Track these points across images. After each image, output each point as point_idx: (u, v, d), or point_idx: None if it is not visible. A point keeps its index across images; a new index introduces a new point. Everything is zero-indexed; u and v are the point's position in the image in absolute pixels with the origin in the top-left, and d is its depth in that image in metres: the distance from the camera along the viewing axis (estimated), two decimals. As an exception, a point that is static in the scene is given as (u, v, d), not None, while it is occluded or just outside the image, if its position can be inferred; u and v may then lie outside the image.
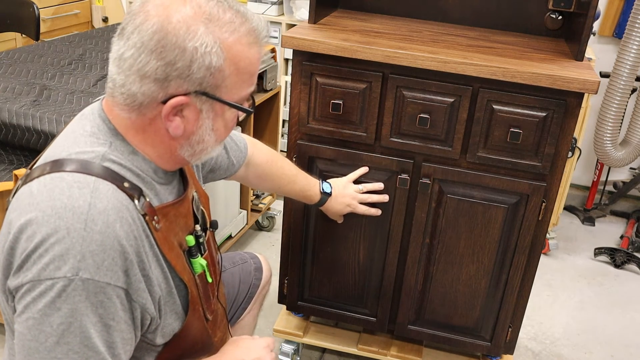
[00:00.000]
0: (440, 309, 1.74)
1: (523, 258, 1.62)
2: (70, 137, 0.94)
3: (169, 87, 0.89)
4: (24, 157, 1.84)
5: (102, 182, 0.88)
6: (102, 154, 0.90)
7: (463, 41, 1.62)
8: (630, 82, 2.58)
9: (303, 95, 1.58)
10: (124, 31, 0.90)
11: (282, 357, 1.97)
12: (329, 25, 1.65)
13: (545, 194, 1.55)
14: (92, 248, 0.83)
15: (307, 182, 1.55)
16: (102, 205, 0.85)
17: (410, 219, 1.65)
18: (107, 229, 0.85)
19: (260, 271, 1.56)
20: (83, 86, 2.03)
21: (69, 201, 0.85)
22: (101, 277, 0.83)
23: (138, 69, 0.88)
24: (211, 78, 0.89)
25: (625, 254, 2.71)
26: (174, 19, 0.86)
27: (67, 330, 0.83)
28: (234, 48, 0.90)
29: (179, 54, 0.86)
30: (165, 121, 0.91)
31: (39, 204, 0.86)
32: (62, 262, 0.82)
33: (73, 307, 0.82)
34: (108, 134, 0.93)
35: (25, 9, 2.93)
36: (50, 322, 0.82)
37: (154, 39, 0.86)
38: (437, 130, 1.54)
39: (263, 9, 3.10)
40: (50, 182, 0.88)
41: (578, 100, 1.46)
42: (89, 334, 0.84)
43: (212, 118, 0.94)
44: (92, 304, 0.83)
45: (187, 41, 0.86)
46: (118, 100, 0.92)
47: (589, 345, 2.24)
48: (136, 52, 0.87)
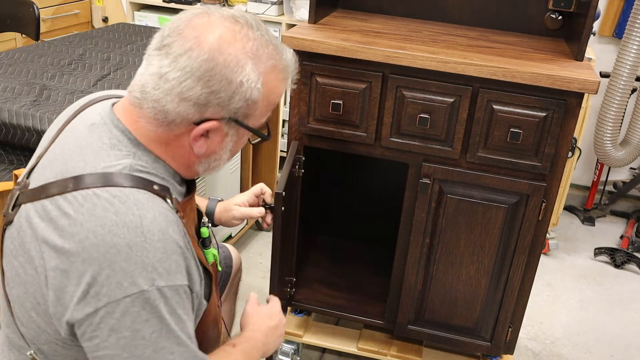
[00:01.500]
0: (440, 309, 1.74)
1: (523, 258, 1.62)
2: (88, 150, 0.93)
3: (206, 112, 0.92)
4: (24, 157, 1.84)
5: (137, 192, 0.89)
6: (129, 165, 0.92)
7: (463, 41, 1.62)
8: (630, 82, 2.58)
9: (303, 95, 1.58)
10: (169, 49, 0.90)
11: (282, 357, 1.97)
12: (329, 25, 1.65)
13: (545, 194, 1.55)
14: (158, 257, 0.86)
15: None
16: (150, 215, 0.87)
17: (410, 219, 1.65)
18: (164, 235, 0.87)
19: (230, 259, 1.56)
20: (83, 86, 2.03)
21: (117, 217, 0.86)
22: (173, 281, 0.87)
23: (180, 92, 0.90)
24: (246, 108, 0.94)
25: (625, 254, 2.71)
26: (225, 51, 0.89)
27: (160, 337, 0.87)
28: (270, 83, 0.95)
29: (225, 85, 0.90)
30: (192, 140, 0.95)
31: (84, 225, 0.85)
32: (135, 277, 0.84)
33: (158, 315, 0.86)
34: (129, 144, 0.94)
35: (25, 9, 2.93)
36: (142, 335, 0.85)
37: (203, 67, 0.89)
38: (437, 130, 1.54)
39: (263, 9, 3.10)
40: (84, 201, 0.87)
41: (578, 100, 1.46)
42: (177, 333, 0.89)
43: (234, 141, 0.99)
44: (171, 306, 0.87)
45: (236, 75, 0.90)
46: (147, 113, 0.93)
47: (589, 345, 2.24)
48: (183, 76, 0.89)
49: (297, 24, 1.98)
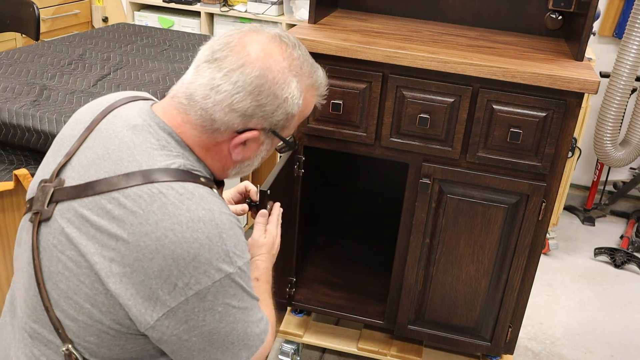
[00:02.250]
0: (440, 309, 1.74)
1: (523, 258, 1.62)
2: (138, 150, 0.96)
3: (250, 122, 1.00)
4: (24, 157, 1.84)
5: (198, 187, 0.95)
6: (181, 163, 0.97)
7: (463, 41, 1.62)
8: (630, 82, 2.58)
9: (303, 95, 1.58)
10: (222, 64, 0.98)
11: (282, 357, 1.97)
12: (329, 25, 1.66)
13: (545, 194, 1.55)
14: (234, 242, 0.95)
15: None
16: (217, 208, 0.95)
17: (410, 219, 1.65)
18: (231, 223, 0.96)
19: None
20: (83, 86, 2.03)
21: (190, 214, 0.92)
22: (246, 257, 0.98)
23: (230, 103, 0.97)
24: (285, 121, 1.03)
25: (625, 254, 2.71)
26: (274, 68, 0.98)
27: (244, 302, 0.97)
28: (307, 99, 1.05)
29: (272, 99, 0.99)
30: (232, 147, 1.02)
31: (159, 223, 0.90)
32: (219, 264, 0.92)
33: (241, 287, 0.96)
34: (177, 146, 0.99)
35: (25, 9, 2.93)
36: (232, 304, 0.95)
37: (254, 83, 0.97)
38: (437, 130, 1.54)
39: (263, 8, 3.10)
40: (151, 199, 0.91)
41: (578, 100, 1.46)
42: (253, 295, 1.00)
43: (267, 149, 1.08)
44: (248, 277, 0.98)
45: (282, 91, 0.99)
46: (192, 119, 0.99)
47: (589, 345, 2.24)
48: (234, 90, 0.97)
49: (297, 24, 1.98)
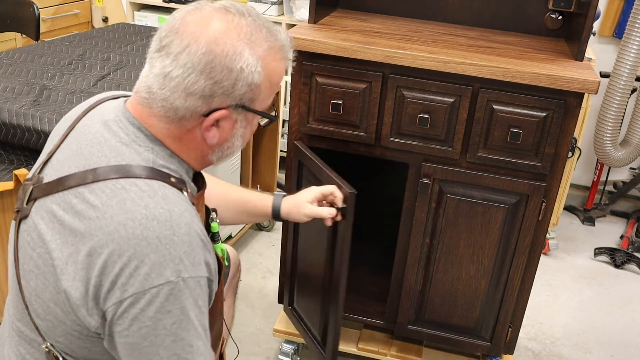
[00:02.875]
0: (440, 309, 1.74)
1: (523, 258, 1.62)
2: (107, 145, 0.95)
3: (212, 103, 0.95)
4: (24, 157, 1.84)
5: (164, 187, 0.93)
6: (152, 160, 0.95)
7: (463, 41, 1.62)
8: (630, 82, 2.58)
9: (303, 95, 1.58)
10: (169, 49, 0.94)
11: (282, 357, 1.97)
12: (329, 25, 1.65)
13: (545, 194, 1.55)
14: (185, 249, 0.89)
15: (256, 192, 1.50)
16: (178, 209, 0.91)
17: (410, 219, 1.65)
18: (190, 229, 0.91)
19: (227, 260, 1.56)
20: (83, 86, 2.03)
21: (147, 211, 0.89)
22: (197, 272, 0.91)
23: (185, 87, 0.93)
24: (250, 93, 0.97)
25: (625, 254, 2.71)
26: (220, 41, 0.93)
27: (180, 328, 0.89)
28: (270, 65, 0.98)
29: (226, 74, 0.93)
30: (204, 131, 0.98)
31: (114, 217, 0.88)
32: (162, 269, 0.87)
33: (181, 306, 0.89)
34: (147, 140, 0.97)
35: (25, 9, 2.93)
36: (163, 324, 0.88)
37: (203, 60, 0.92)
38: (437, 130, 1.54)
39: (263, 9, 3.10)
40: (113, 194, 0.90)
41: (578, 100, 1.46)
42: (196, 325, 0.91)
43: (244, 126, 1.02)
44: (194, 297, 0.90)
45: (235, 62, 0.93)
46: (156, 112, 0.96)
47: (589, 345, 2.24)
48: (185, 72, 0.93)
49: (297, 24, 1.98)
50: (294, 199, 1.43)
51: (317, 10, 1.66)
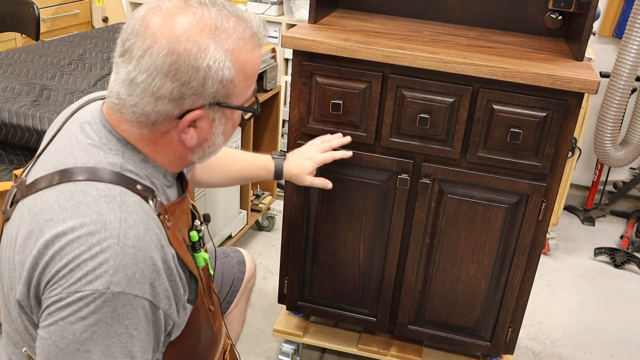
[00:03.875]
0: (440, 309, 1.74)
1: (523, 258, 1.62)
2: (78, 147, 0.93)
3: (184, 104, 0.90)
4: (24, 157, 1.85)
5: (126, 194, 0.89)
6: (118, 163, 0.92)
7: (463, 41, 1.62)
8: (630, 82, 2.58)
9: (303, 95, 1.58)
10: (131, 53, 0.89)
11: (282, 357, 1.97)
12: (329, 25, 1.65)
13: (545, 194, 1.55)
14: (125, 262, 0.84)
15: (256, 155, 1.54)
16: (132, 219, 0.87)
17: (410, 219, 1.65)
18: (139, 242, 0.86)
19: (243, 264, 1.56)
20: (83, 86, 2.03)
21: (99, 217, 0.86)
22: (131, 289, 0.85)
23: (153, 92, 0.89)
24: (224, 89, 0.92)
25: (625, 254, 2.71)
26: (182, 38, 0.87)
27: (89, 339, 0.84)
28: (241, 57, 0.92)
29: (193, 74, 0.88)
30: (181, 133, 0.94)
31: (66, 221, 0.86)
32: (94, 277, 0.83)
33: (100, 318, 0.84)
34: (118, 144, 0.94)
35: (25, 9, 2.93)
36: (73, 329, 0.84)
37: (166, 62, 0.87)
38: (437, 130, 1.54)
39: (263, 9, 3.10)
40: (71, 197, 0.87)
41: (578, 100, 1.46)
42: (110, 343, 0.85)
43: (224, 123, 0.97)
44: (119, 315, 0.85)
45: (200, 60, 0.87)
46: (128, 117, 0.92)
47: (589, 345, 2.24)
48: (149, 77, 0.88)
49: (297, 24, 1.98)
50: (295, 169, 1.50)
51: (317, 10, 1.66)
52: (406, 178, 1.60)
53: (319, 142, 1.54)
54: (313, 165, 1.51)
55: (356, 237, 1.71)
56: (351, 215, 1.68)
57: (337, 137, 1.55)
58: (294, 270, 1.79)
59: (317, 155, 1.52)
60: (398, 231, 1.66)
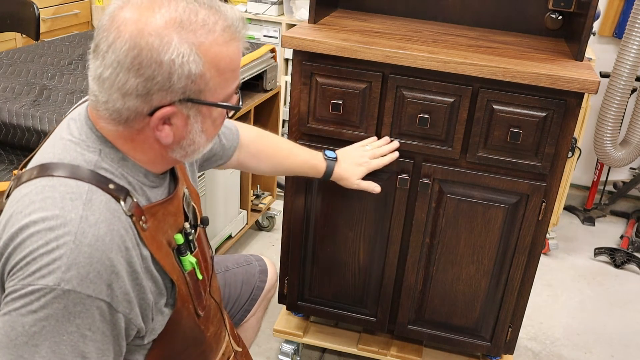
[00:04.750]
0: (440, 309, 1.74)
1: (523, 258, 1.62)
2: (59, 143, 0.94)
3: (152, 101, 0.88)
4: (24, 157, 1.84)
5: (95, 192, 0.88)
6: (93, 161, 0.91)
7: (463, 41, 1.62)
8: (630, 82, 2.58)
9: (303, 95, 1.58)
10: (99, 49, 0.88)
11: (282, 357, 1.97)
12: (329, 25, 1.65)
13: (545, 194, 1.55)
14: (79, 260, 0.84)
15: (309, 152, 1.52)
16: (93, 218, 0.86)
17: (410, 219, 1.65)
18: (97, 242, 0.85)
19: (265, 274, 1.54)
20: (83, 86, 2.03)
21: (61, 213, 0.85)
22: (83, 289, 0.84)
23: (119, 88, 0.87)
24: (193, 85, 0.89)
25: (625, 254, 2.71)
26: (145, 32, 0.85)
27: (38, 334, 0.83)
28: (211, 50, 0.88)
29: (156, 68, 0.85)
30: (155, 131, 0.91)
31: (31, 215, 0.86)
32: (47, 272, 0.83)
33: (49, 314, 0.83)
34: (97, 141, 0.93)
35: (25, 9, 2.93)
36: (23, 322, 0.83)
37: (128, 56, 0.85)
38: (437, 130, 1.54)
39: (263, 8, 3.10)
40: (41, 192, 0.88)
41: (578, 100, 1.46)
42: (60, 340, 0.84)
43: (201, 121, 0.94)
44: (70, 313, 0.84)
45: (163, 54, 0.85)
46: (103, 115, 0.92)
47: (589, 345, 2.24)
48: (113, 72, 0.86)
49: (297, 24, 1.98)
50: (346, 172, 1.52)
51: (317, 10, 1.66)
52: (406, 178, 1.60)
53: (369, 148, 1.54)
54: (365, 172, 1.52)
55: (356, 237, 1.71)
56: (351, 215, 1.68)
57: (384, 143, 1.55)
58: (294, 270, 1.79)
59: (369, 161, 1.52)
60: (398, 231, 1.67)
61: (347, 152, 1.54)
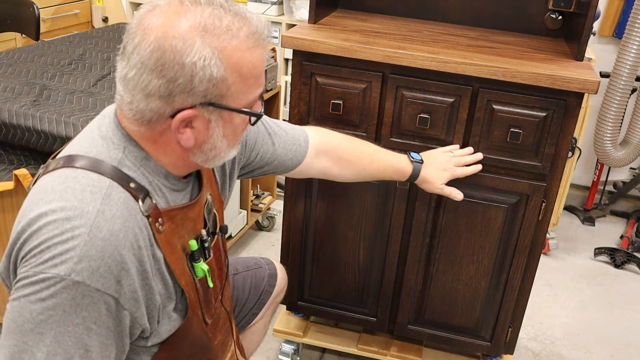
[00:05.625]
0: (440, 309, 1.74)
1: (523, 258, 1.62)
2: (88, 137, 0.96)
3: (174, 103, 0.90)
4: (24, 157, 1.84)
5: (115, 188, 0.90)
6: (118, 159, 0.93)
7: (463, 41, 1.62)
8: (630, 82, 2.58)
9: (303, 95, 1.58)
10: (125, 51, 0.91)
11: (282, 357, 1.97)
12: (329, 25, 1.65)
13: (545, 194, 1.55)
14: (91, 253, 0.85)
15: (392, 154, 1.47)
16: (110, 213, 0.87)
17: (410, 219, 1.65)
18: (111, 237, 0.86)
19: (274, 278, 1.54)
20: (83, 86, 2.03)
21: (79, 204, 0.87)
22: (92, 282, 0.85)
23: (142, 89, 0.89)
24: (215, 89, 0.90)
25: (625, 254, 2.71)
26: (169, 35, 0.87)
27: (44, 322, 0.84)
28: (233, 56, 0.89)
29: (178, 70, 0.87)
30: (176, 134, 0.93)
31: (51, 203, 0.87)
32: (59, 261, 0.84)
33: (57, 303, 0.84)
34: (122, 139, 0.95)
35: (25, 9, 2.93)
36: (31, 309, 0.84)
37: (152, 58, 0.87)
38: (437, 130, 1.54)
39: (263, 9, 3.10)
40: (64, 182, 0.89)
41: (578, 100, 1.46)
42: (65, 331, 0.85)
43: (222, 126, 0.95)
44: (78, 304, 0.85)
45: (185, 57, 0.86)
46: (127, 115, 0.94)
47: (589, 345, 2.24)
48: (137, 73, 0.88)
49: (297, 24, 1.98)
50: (431, 176, 1.48)
51: (317, 10, 1.66)
52: (406, 178, 1.60)
53: (453, 154, 1.50)
54: (449, 177, 1.49)
55: (356, 237, 1.71)
56: (351, 215, 1.68)
57: (468, 152, 1.52)
58: (294, 270, 1.79)
59: (454, 169, 1.49)
60: (398, 231, 1.67)
61: (432, 156, 1.50)
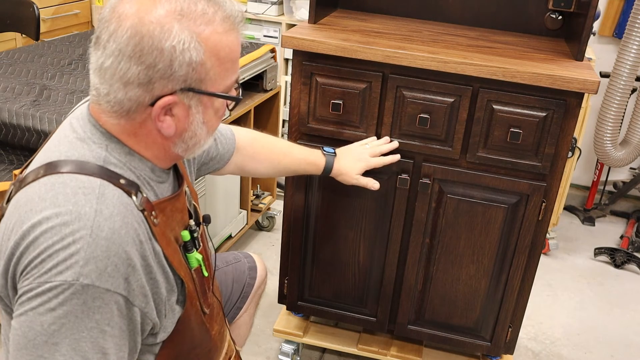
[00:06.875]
0: (440, 309, 1.74)
1: (523, 258, 1.62)
2: (64, 141, 0.94)
3: (154, 90, 0.89)
4: (24, 157, 1.85)
5: (107, 186, 0.88)
6: (102, 157, 0.91)
7: (463, 41, 1.62)
8: (630, 82, 2.58)
9: (303, 95, 1.58)
10: (100, 40, 0.89)
11: (282, 357, 1.97)
12: (329, 25, 1.65)
13: (545, 194, 1.55)
14: (97, 254, 0.84)
15: (306, 149, 1.53)
16: (108, 212, 0.86)
17: (410, 219, 1.65)
18: (113, 235, 0.85)
19: (254, 270, 1.55)
20: (83, 86, 2.03)
21: (74, 208, 0.85)
22: (102, 283, 0.84)
23: (120, 77, 0.88)
24: (194, 73, 0.89)
25: (625, 254, 2.71)
26: (146, 20, 0.86)
27: (58, 332, 0.83)
28: (211, 39, 0.89)
29: (157, 55, 0.86)
30: (156, 122, 0.92)
31: (43, 211, 0.85)
32: (65, 267, 0.83)
33: (69, 310, 0.82)
34: (102, 137, 0.93)
35: (25, 9, 2.93)
36: (41, 321, 0.83)
37: (130, 44, 0.86)
38: (437, 130, 1.54)
39: (263, 9, 3.10)
40: (52, 189, 0.87)
41: (578, 100, 1.46)
42: (80, 337, 0.84)
43: (202, 112, 0.94)
44: (89, 308, 0.84)
45: (164, 41, 0.86)
46: (104, 108, 0.92)
47: (589, 345, 2.24)
48: (115, 61, 0.87)
49: (297, 24, 1.98)
50: (345, 168, 1.52)
51: (317, 10, 1.66)
52: (406, 178, 1.60)
53: (369, 146, 1.54)
54: (364, 167, 1.52)
55: (356, 237, 1.71)
56: (351, 215, 1.68)
57: (384, 142, 1.56)
58: (294, 270, 1.79)
59: (369, 159, 1.53)
60: (398, 231, 1.67)
61: (347, 149, 1.56)
